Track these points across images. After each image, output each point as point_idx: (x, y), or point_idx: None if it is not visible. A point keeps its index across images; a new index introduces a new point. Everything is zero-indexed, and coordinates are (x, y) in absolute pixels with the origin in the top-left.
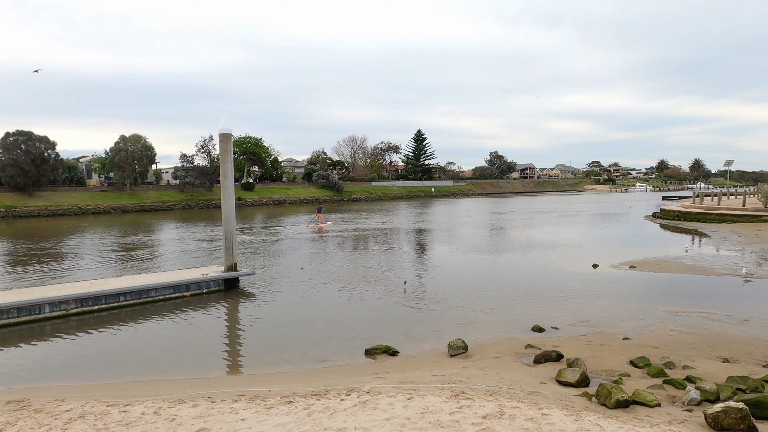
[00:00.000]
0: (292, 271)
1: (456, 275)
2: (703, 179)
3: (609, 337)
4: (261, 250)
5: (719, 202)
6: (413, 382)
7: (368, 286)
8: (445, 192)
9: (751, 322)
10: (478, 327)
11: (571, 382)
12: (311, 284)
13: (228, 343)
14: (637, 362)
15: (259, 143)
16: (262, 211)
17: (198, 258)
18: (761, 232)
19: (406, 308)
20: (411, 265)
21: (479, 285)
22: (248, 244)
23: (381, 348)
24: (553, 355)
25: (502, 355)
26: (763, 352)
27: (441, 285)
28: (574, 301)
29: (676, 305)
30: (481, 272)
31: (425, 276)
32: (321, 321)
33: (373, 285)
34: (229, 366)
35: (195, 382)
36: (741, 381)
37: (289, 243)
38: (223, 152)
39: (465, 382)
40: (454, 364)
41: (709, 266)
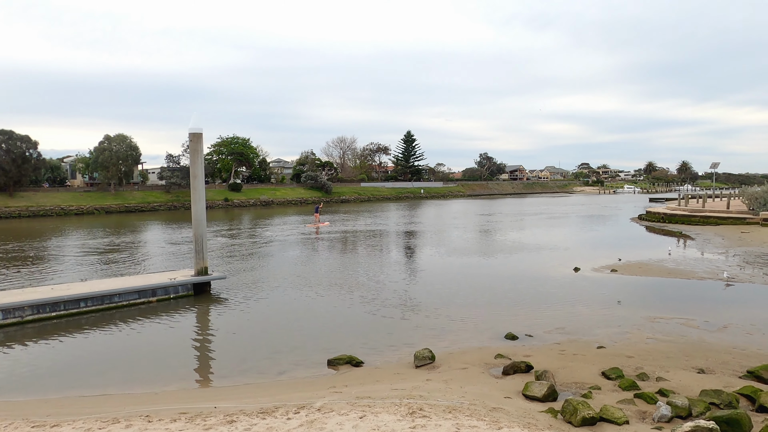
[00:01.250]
0: (267, 275)
1: (435, 280)
2: (690, 181)
3: (583, 346)
4: (242, 252)
5: (704, 205)
6: (370, 397)
7: (343, 291)
8: (435, 193)
9: (729, 329)
10: (450, 334)
11: (537, 396)
12: (285, 289)
13: (185, 353)
14: (609, 374)
15: (246, 144)
16: (250, 212)
17: (174, 261)
18: (744, 234)
19: (378, 315)
20: (391, 270)
21: (457, 290)
22: (230, 246)
23: (344, 358)
24: (522, 367)
25: (470, 365)
26: (740, 362)
27: (418, 290)
28: (552, 307)
29: (655, 311)
30: (461, 276)
31: (404, 281)
32: (288, 329)
33: (347, 291)
34: (180, 379)
35: (139, 397)
36: (715, 395)
37: (271, 245)
38: (193, 152)
39: (425, 397)
40: (418, 376)
41: (690, 270)
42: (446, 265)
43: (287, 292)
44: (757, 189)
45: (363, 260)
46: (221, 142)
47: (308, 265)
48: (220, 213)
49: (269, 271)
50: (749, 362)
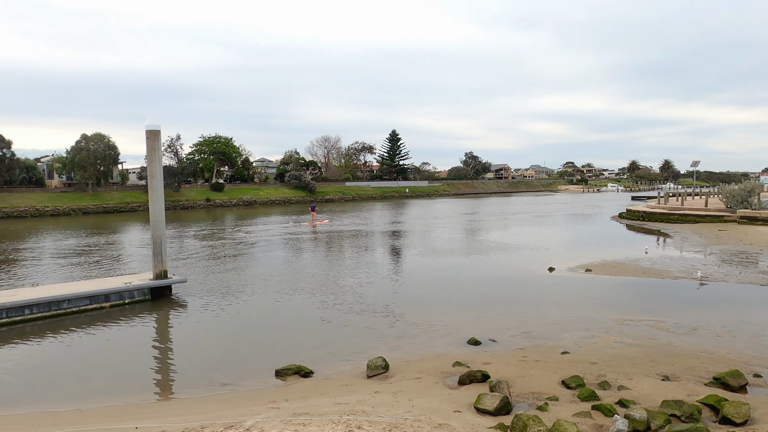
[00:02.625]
0: (236, 278)
1: (406, 282)
2: (672, 179)
3: (547, 352)
4: (216, 254)
5: (683, 203)
6: (308, 413)
7: (308, 296)
8: (420, 192)
9: (699, 331)
10: (411, 340)
11: (489, 410)
12: (250, 293)
13: (125, 365)
14: (570, 382)
15: (229, 143)
16: (232, 212)
17: (143, 263)
18: (722, 232)
19: (340, 321)
20: (363, 272)
21: (426, 292)
22: (206, 247)
23: (292, 368)
24: (479, 376)
25: (425, 375)
26: (707, 367)
27: (386, 293)
28: (521, 309)
29: (626, 312)
30: (432, 278)
31: (373, 284)
32: (243, 336)
33: (313, 295)
34: (111, 394)
35: (61, 416)
36: (676, 406)
37: (248, 247)
38: (151, 150)
39: (368, 413)
40: (367, 388)
41: (665, 269)
42: (420, 267)
43: (251, 296)
44: (735, 187)
45: (336, 262)
46: (203, 141)
47: (280, 267)
48: (202, 213)
49: (239, 274)
50: (716, 367)
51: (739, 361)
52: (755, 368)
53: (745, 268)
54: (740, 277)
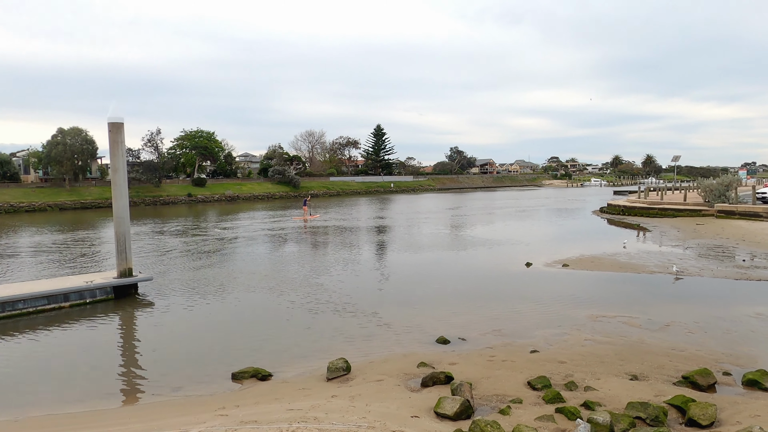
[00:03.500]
0: (208, 276)
1: (380, 278)
2: (654, 174)
3: (516, 350)
4: (193, 250)
5: (662, 197)
6: (257, 421)
7: (279, 294)
8: (405, 187)
9: (672, 327)
10: (378, 340)
11: (448, 414)
12: (220, 292)
13: (74, 368)
14: (535, 383)
15: (211, 137)
16: (214, 207)
17: (114, 261)
18: (699, 226)
19: (307, 320)
20: (338, 269)
21: (399, 289)
22: (182, 244)
23: (249, 371)
24: (442, 378)
25: (387, 376)
26: (677, 366)
27: (359, 291)
28: (494, 305)
29: (600, 309)
30: (408, 274)
31: (347, 281)
32: (205, 337)
33: (283, 293)
34: (55, 402)
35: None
36: (641, 408)
37: (226, 243)
38: (113, 143)
39: (320, 420)
40: (325, 392)
41: (642, 263)
42: (398, 263)
43: (220, 295)
44: (713, 181)
45: (313, 259)
46: (185, 135)
47: (255, 265)
48: (183, 209)
49: (211, 272)
50: (687, 366)
51: (709, 358)
52: (726, 366)
53: (721, 262)
54: (715, 272)
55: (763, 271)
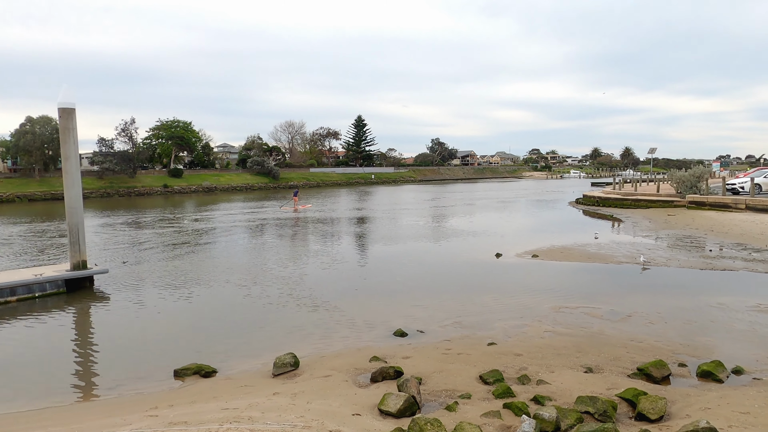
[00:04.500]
0: (172, 268)
1: (347, 270)
2: (632, 166)
3: (473, 343)
4: (161, 242)
5: (636, 188)
6: (186, 422)
7: (239, 286)
8: (386, 179)
9: (633, 318)
10: (336, 333)
11: (391, 411)
12: (177, 284)
13: (9, 366)
14: (487, 378)
15: (188, 127)
16: (191, 199)
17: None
18: (670, 217)
19: (265, 313)
20: (306, 260)
21: (368, 280)
22: (149, 235)
23: (192, 368)
24: (391, 372)
25: (336, 372)
26: (633, 357)
27: (324, 282)
28: (459, 297)
29: (564, 299)
30: (379, 266)
31: (311, 273)
32: (154, 332)
33: (244, 285)
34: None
35: None
36: (590, 402)
37: (198, 235)
38: (64, 130)
39: (255, 419)
40: (268, 389)
41: (611, 254)
42: (368, 255)
43: (181, 288)
44: (684, 173)
45: (283, 251)
46: (161, 125)
47: (223, 257)
48: (159, 200)
49: (177, 264)
50: (643, 357)
51: (667, 349)
52: (682, 357)
53: (689, 252)
54: (682, 262)
55: (728, 261)
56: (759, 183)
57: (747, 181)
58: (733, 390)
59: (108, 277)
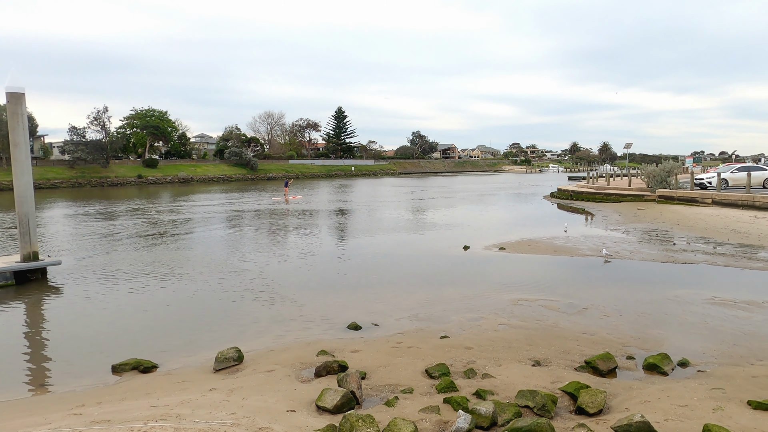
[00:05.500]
0: (127, 259)
1: (311, 263)
2: (609, 161)
3: (426, 336)
4: (122, 234)
5: (609, 183)
6: (110, 420)
7: (195, 278)
8: (366, 171)
9: (589, 311)
10: (287, 326)
11: (328, 407)
12: (133, 277)
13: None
14: (433, 371)
15: (164, 117)
16: (166, 189)
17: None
18: (640, 211)
19: (219, 306)
20: (273, 253)
21: (331, 273)
22: (115, 226)
23: (131, 363)
24: (335, 367)
25: (280, 366)
26: (583, 351)
27: (287, 275)
28: (421, 290)
29: (524, 292)
30: (346, 258)
31: (274, 266)
32: (104, 326)
33: (199, 278)
34: None
35: None
36: (530, 397)
37: (168, 226)
38: (12, 116)
39: (182, 417)
40: (204, 385)
41: (577, 247)
42: (336, 247)
43: (138, 281)
44: (655, 168)
45: (250, 243)
46: (135, 114)
47: (188, 249)
48: (133, 191)
49: (140, 256)
50: (593, 350)
51: (617, 342)
52: (631, 349)
53: (653, 245)
54: (645, 255)
55: (690, 254)
56: (726, 178)
57: (714, 176)
58: (675, 383)
59: (62, 269)
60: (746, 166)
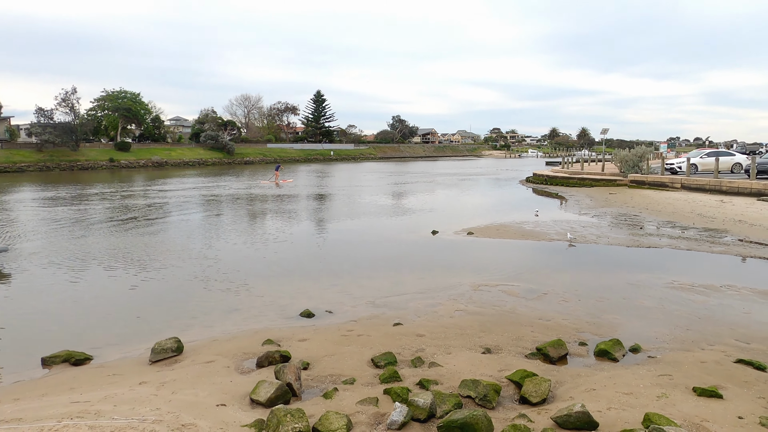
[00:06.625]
0: (85, 246)
1: (278, 249)
2: (588, 147)
3: (378, 324)
4: (85, 219)
5: (583, 167)
6: (21, 419)
7: (154, 265)
8: (346, 155)
9: (549, 296)
10: (239, 315)
11: (261, 401)
12: (88, 264)
13: None
14: (379, 360)
15: (136, 99)
16: (139, 173)
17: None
18: (611, 195)
19: (171, 294)
20: (236, 239)
21: (291, 260)
22: (78, 212)
23: (62, 355)
24: (277, 357)
25: (222, 357)
26: (536, 337)
27: (246, 261)
28: (383, 275)
29: (486, 277)
30: (309, 244)
31: (237, 252)
32: (45, 316)
33: (155, 265)
34: None
35: None
36: (472, 386)
37: (127, 211)
38: None
39: (101, 414)
40: (135, 378)
41: (544, 231)
42: (303, 232)
43: (90, 269)
44: (627, 153)
45: (214, 228)
46: (106, 96)
47: (149, 235)
48: (104, 174)
49: (97, 242)
50: (546, 336)
51: (572, 328)
52: (585, 335)
53: (620, 229)
54: (611, 239)
55: (655, 238)
56: (695, 163)
57: (684, 161)
58: (624, 369)
59: (12, 256)
60: (715, 151)
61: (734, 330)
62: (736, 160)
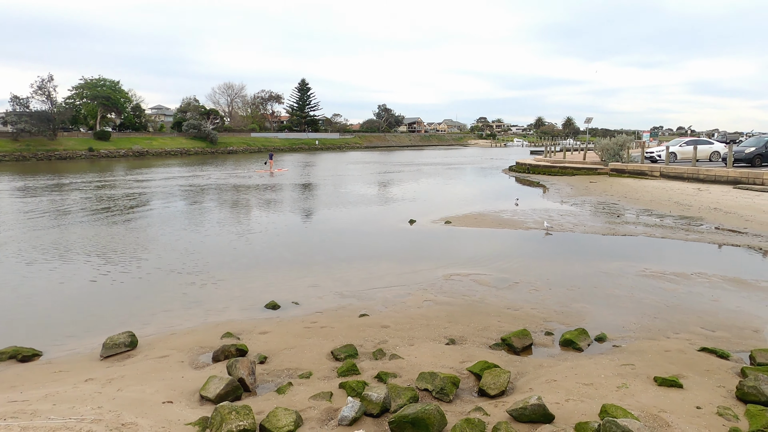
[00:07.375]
0: (50, 238)
1: (251, 239)
2: (572, 136)
3: (345, 315)
4: (56, 210)
5: (564, 156)
6: None
7: (120, 258)
8: (331, 145)
9: (520, 285)
10: (201, 307)
11: (210, 397)
12: (52, 256)
13: None
14: (339, 353)
15: (116, 87)
16: (119, 163)
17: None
18: (592, 184)
19: (135, 286)
20: (215, 229)
21: (263, 250)
22: (49, 202)
23: (8, 352)
24: (233, 351)
25: (176, 351)
26: (502, 327)
27: (216, 252)
28: (355, 265)
29: (459, 266)
30: (284, 234)
31: (208, 243)
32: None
33: (121, 257)
34: None
35: None
36: (430, 379)
37: (101, 201)
38: None
39: (39, 413)
40: (82, 374)
41: (522, 220)
42: (279, 222)
43: (53, 261)
44: (608, 141)
45: (187, 218)
46: (84, 84)
47: (117, 225)
48: (83, 164)
49: (64, 234)
50: (514, 326)
51: (540, 317)
52: (552, 325)
53: (597, 218)
54: (587, 228)
55: (631, 226)
56: (674, 151)
57: (663, 149)
58: (587, 359)
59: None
60: (694, 140)
61: (701, 318)
62: (714, 149)
